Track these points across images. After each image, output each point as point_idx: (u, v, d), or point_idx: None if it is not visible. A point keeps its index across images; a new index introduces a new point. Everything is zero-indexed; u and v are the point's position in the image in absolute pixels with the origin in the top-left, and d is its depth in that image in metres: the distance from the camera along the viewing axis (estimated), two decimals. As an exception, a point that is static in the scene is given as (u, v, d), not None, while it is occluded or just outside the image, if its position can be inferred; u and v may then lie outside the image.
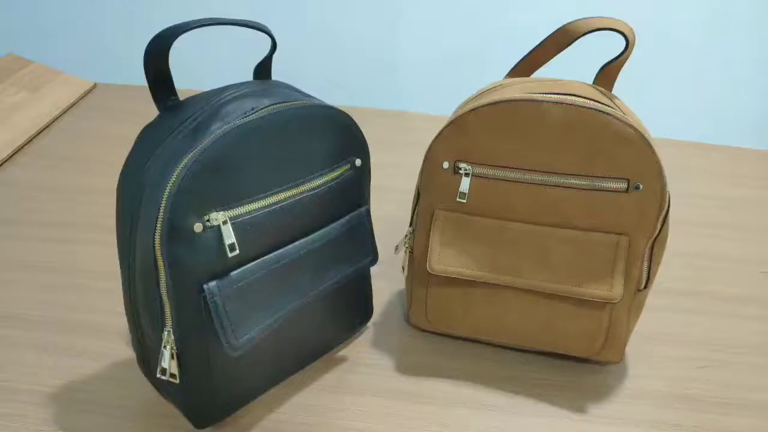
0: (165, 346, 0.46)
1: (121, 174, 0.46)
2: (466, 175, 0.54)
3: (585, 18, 0.54)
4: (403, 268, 0.62)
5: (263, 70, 0.53)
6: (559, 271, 0.54)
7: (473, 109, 0.52)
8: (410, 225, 0.61)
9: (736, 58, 1.44)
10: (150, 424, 0.53)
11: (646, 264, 0.55)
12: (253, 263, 0.47)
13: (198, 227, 0.43)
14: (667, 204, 0.53)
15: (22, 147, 0.94)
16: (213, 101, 0.47)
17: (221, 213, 0.44)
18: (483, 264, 0.56)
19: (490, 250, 0.56)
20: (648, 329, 0.66)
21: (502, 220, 0.55)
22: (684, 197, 0.93)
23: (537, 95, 0.51)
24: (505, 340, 0.60)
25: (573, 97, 0.51)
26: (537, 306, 0.57)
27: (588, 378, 0.60)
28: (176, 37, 0.44)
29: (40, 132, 0.99)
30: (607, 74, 0.56)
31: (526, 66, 0.59)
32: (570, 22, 0.55)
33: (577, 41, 0.56)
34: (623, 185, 0.52)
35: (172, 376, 0.47)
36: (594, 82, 0.58)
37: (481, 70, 1.03)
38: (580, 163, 0.52)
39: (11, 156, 0.92)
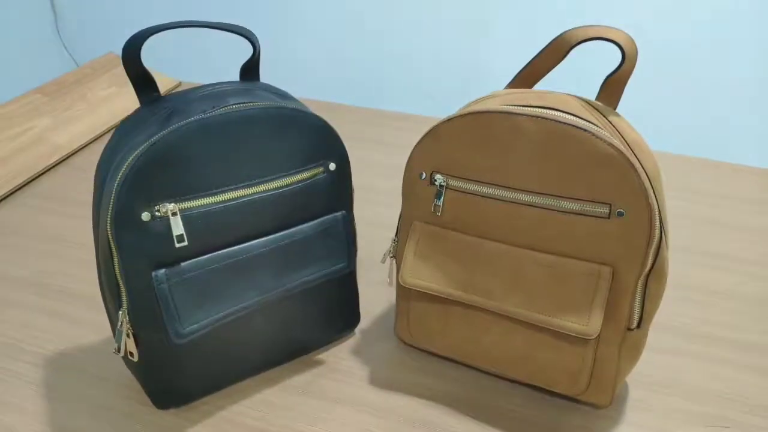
0: (121, 326, 0.49)
1: (97, 163, 0.50)
2: (441, 187, 0.52)
3: (581, 26, 0.50)
4: (389, 278, 0.61)
5: (249, 70, 0.54)
6: (533, 298, 0.50)
7: (448, 120, 0.50)
8: (395, 234, 0.59)
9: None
10: (124, 397, 0.56)
11: (638, 300, 0.50)
12: (206, 256, 0.49)
13: (146, 216, 0.45)
14: (658, 234, 0.47)
15: (100, 137, 1.05)
16: (186, 97, 0.49)
17: (172, 204, 0.46)
18: (455, 281, 0.53)
19: (462, 267, 0.53)
20: (655, 374, 0.59)
21: (477, 237, 0.52)
22: (704, 224, 0.82)
23: (512, 107, 0.48)
24: (483, 365, 0.57)
25: (551, 111, 0.47)
26: (515, 333, 0.53)
27: (572, 419, 0.55)
28: (144, 40, 0.46)
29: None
30: (610, 88, 0.51)
31: (526, 77, 0.55)
32: (567, 31, 0.51)
33: (584, 49, 0.52)
34: (604, 210, 0.47)
35: (130, 354, 0.50)
36: (597, 97, 0.53)
37: (571, 81, 0.94)
38: (556, 182, 0.48)
39: (89, 143, 1.03)
